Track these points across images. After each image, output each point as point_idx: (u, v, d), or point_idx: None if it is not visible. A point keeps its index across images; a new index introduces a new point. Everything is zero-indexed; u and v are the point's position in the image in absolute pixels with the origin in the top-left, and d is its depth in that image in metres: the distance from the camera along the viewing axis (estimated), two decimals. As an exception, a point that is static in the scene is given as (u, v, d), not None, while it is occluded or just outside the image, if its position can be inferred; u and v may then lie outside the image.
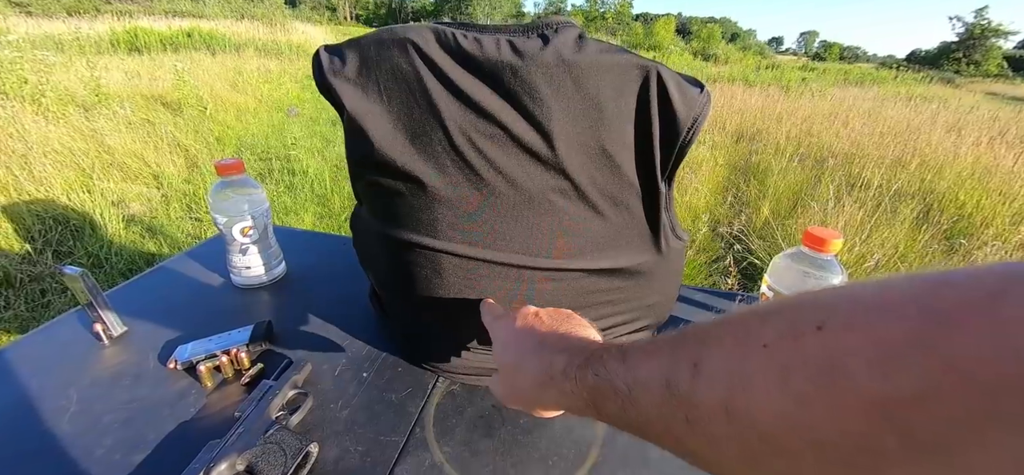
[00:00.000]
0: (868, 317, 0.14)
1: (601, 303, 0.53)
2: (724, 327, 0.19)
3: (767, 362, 0.16)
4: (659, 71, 0.40)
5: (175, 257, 0.83)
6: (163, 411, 0.50)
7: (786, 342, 0.16)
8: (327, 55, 0.44)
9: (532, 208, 0.44)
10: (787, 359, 0.16)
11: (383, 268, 0.54)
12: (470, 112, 0.41)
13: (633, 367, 0.23)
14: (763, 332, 0.17)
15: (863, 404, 0.13)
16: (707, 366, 0.18)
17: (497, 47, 0.39)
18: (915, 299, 0.14)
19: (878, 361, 0.13)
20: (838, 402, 0.14)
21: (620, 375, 0.23)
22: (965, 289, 0.13)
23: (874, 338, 0.14)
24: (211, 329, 0.60)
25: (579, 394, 0.26)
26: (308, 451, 0.44)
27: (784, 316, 0.17)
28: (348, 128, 0.45)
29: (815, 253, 0.53)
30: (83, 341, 0.61)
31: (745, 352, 0.17)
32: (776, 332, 0.16)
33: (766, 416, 0.16)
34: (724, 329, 0.19)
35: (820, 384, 0.14)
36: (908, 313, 0.13)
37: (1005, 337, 0.11)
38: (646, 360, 0.22)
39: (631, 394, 0.22)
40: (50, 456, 0.45)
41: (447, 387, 0.54)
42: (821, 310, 0.16)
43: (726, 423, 0.17)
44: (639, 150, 0.43)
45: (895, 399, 0.13)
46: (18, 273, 1.91)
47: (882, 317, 0.14)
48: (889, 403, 0.13)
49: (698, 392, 0.18)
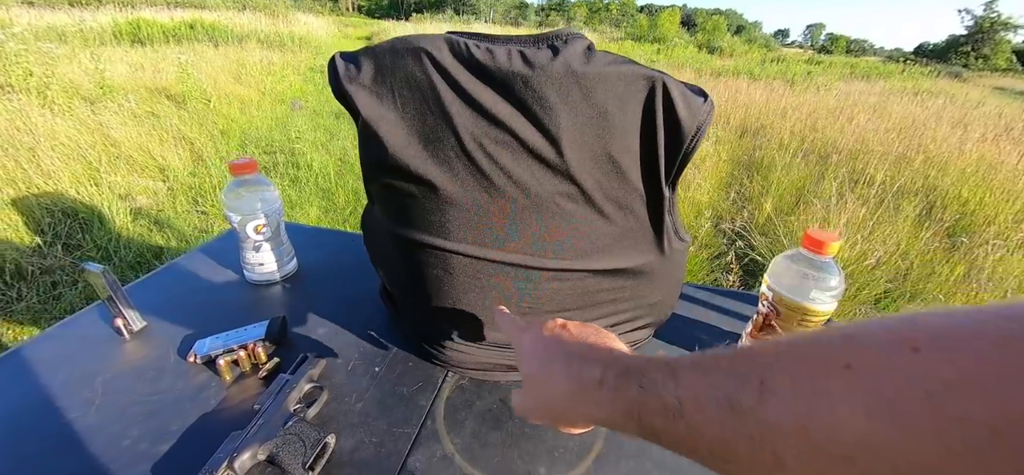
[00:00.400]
0: (972, 344, 0.14)
1: (604, 302, 0.54)
2: (791, 346, 0.19)
3: (852, 382, 0.16)
4: (665, 81, 0.41)
5: (188, 254, 0.85)
6: (185, 403, 0.53)
7: (877, 362, 0.16)
8: (343, 62, 0.46)
9: (540, 211, 0.46)
10: (878, 380, 0.15)
11: (395, 266, 0.56)
12: (482, 119, 0.43)
13: (685, 383, 0.22)
14: (844, 352, 0.17)
15: (972, 426, 0.13)
16: (778, 384, 0.18)
17: (508, 57, 0.41)
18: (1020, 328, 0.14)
19: (988, 385, 0.13)
20: (941, 425, 0.14)
21: (670, 390, 0.22)
22: None
23: (982, 363, 0.14)
24: (226, 324, 0.62)
25: (616, 406, 0.26)
26: (326, 442, 0.46)
27: (869, 337, 0.17)
28: (363, 133, 0.47)
29: (813, 255, 0.54)
30: (105, 335, 0.63)
31: (824, 371, 0.17)
32: (862, 353, 0.16)
33: (850, 437, 0.15)
34: (792, 348, 0.19)
35: (919, 405, 0.14)
36: (1016, 340, 0.13)
37: None
38: (701, 376, 0.22)
39: (682, 409, 0.21)
40: (80, 444, 0.47)
41: (457, 382, 0.57)
42: (915, 332, 0.15)
43: (800, 443, 0.17)
44: (644, 156, 0.45)
45: (1009, 418, 0.13)
46: (30, 265, 1.94)
47: (987, 344, 0.14)
48: (1001, 425, 0.13)
49: (768, 411, 0.18)
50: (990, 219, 2.43)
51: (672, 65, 9.88)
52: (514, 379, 0.57)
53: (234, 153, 3.49)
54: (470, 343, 0.55)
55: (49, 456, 0.46)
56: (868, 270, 1.92)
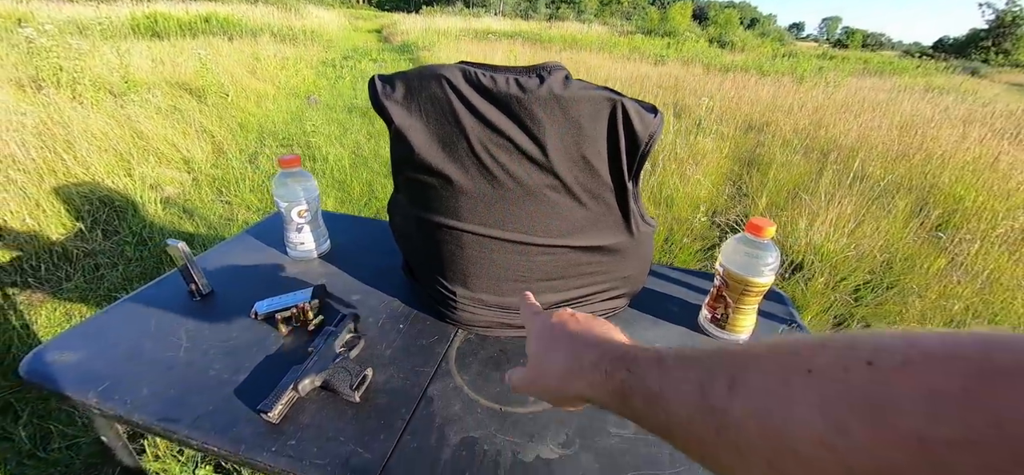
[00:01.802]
0: (922, 364, 0.15)
1: (585, 274, 0.68)
2: (765, 349, 0.21)
3: (811, 387, 0.17)
4: (623, 103, 0.54)
5: (238, 236, 1.00)
6: (252, 348, 0.67)
7: (833, 371, 0.17)
8: (381, 83, 0.59)
9: (531, 199, 0.59)
10: (833, 388, 0.17)
11: (416, 243, 0.70)
12: (486, 128, 0.56)
13: (668, 371, 0.24)
14: (809, 359, 0.18)
15: (905, 441, 0.14)
16: (746, 382, 0.20)
17: (507, 83, 0.54)
18: (969, 356, 0.15)
19: (927, 405, 0.14)
20: (880, 436, 0.15)
21: (654, 377, 0.25)
22: (1017, 354, 0.14)
23: (926, 384, 0.15)
24: (277, 291, 0.76)
25: (605, 387, 0.28)
26: (365, 374, 0.60)
27: (832, 347, 0.18)
28: (394, 137, 0.60)
29: (755, 238, 0.67)
30: (181, 297, 0.78)
31: (788, 375, 0.18)
32: (823, 361, 0.18)
33: (804, 437, 0.17)
34: (765, 350, 0.20)
35: (864, 416, 0.15)
36: (961, 368, 0.15)
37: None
38: (681, 367, 0.24)
39: (662, 395, 0.24)
40: (180, 372, 0.62)
41: (465, 336, 0.70)
42: (871, 348, 0.17)
43: (759, 438, 0.18)
44: (611, 157, 0.58)
45: (938, 441, 0.14)
46: (74, 249, 2.12)
47: (935, 366, 0.15)
48: (931, 444, 0.14)
49: (734, 405, 0.20)
50: (979, 215, 2.51)
51: (681, 60, 9.89)
52: (510, 334, 0.70)
53: (252, 146, 3.66)
54: (477, 305, 0.69)
55: (160, 380, 0.61)
56: (851, 261, 2.03)
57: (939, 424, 0.14)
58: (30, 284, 1.90)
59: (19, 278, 1.92)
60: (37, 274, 1.95)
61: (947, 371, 0.15)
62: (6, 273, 1.92)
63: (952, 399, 0.14)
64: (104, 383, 0.60)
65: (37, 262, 1.99)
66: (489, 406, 0.59)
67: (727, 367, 0.21)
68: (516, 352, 0.68)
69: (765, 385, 0.19)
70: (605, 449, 0.54)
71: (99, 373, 0.61)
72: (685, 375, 0.23)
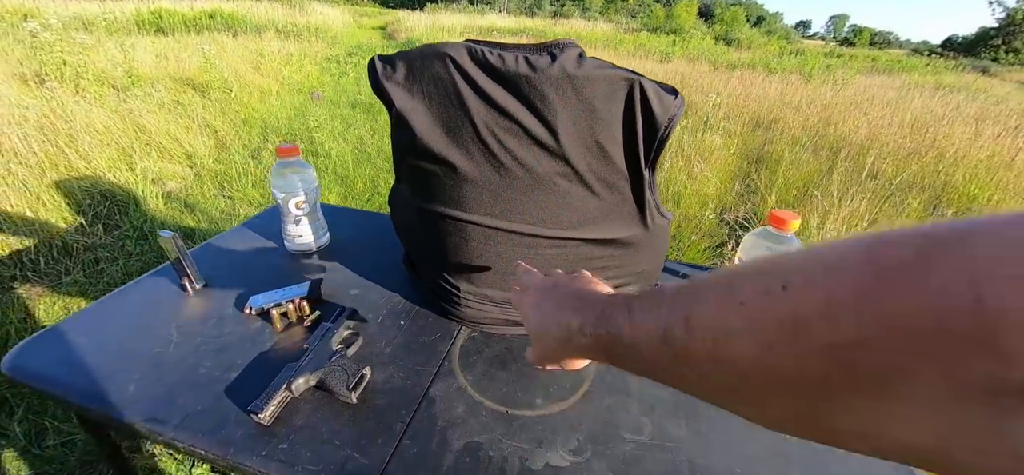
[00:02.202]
0: (822, 277, 0.17)
1: (596, 269, 0.64)
2: (710, 286, 0.23)
3: (743, 316, 0.19)
4: (641, 82, 0.50)
5: (234, 229, 0.96)
6: (245, 344, 0.64)
7: (758, 300, 0.19)
8: (381, 63, 0.56)
9: (541, 188, 0.55)
10: (759, 314, 0.19)
11: (418, 235, 0.67)
12: (493, 111, 0.53)
13: (636, 322, 0.27)
14: (742, 291, 0.20)
15: (817, 349, 0.16)
16: (697, 321, 0.22)
17: (516, 62, 0.50)
18: (858, 258, 0.16)
19: (828, 313, 0.16)
20: (798, 349, 0.17)
21: (626, 330, 0.27)
22: (900, 248, 0.15)
23: (826, 294, 0.16)
24: (272, 286, 0.73)
25: (594, 347, 0.31)
26: (363, 373, 0.57)
27: (756, 277, 0.20)
28: (396, 121, 0.57)
29: (778, 231, 0.63)
30: (173, 291, 0.74)
31: (727, 309, 0.20)
32: (751, 291, 0.20)
33: (744, 361, 0.19)
34: (710, 288, 0.22)
35: (783, 334, 0.17)
36: (853, 271, 0.16)
37: (928, 296, 0.14)
38: (646, 315, 0.26)
39: (635, 345, 0.26)
40: (168, 369, 0.59)
41: (469, 333, 0.67)
42: (786, 272, 0.19)
43: (713, 367, 0.21)
44: (627, 143, 0.54)
45: (841, 344, 0.16)
46: (74, 243, 2.10)
47: (832, 276, 0.17)
48: (838, 349, 0.16)
49: (691, 344, 0.22)
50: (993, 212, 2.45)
51: (687, 57, 9.78)
52: (517, 332, 0.67)
53: (255, 141, 3.63)
54: (481, 301, 0.65)
55: (148, 376, 0.57)
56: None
57: (840, 329, 0.16)
58: (29, 278, 1.88)
59: (18, 272, 1.90)
60: (37, 268, 1.93)
61: (842, 279, 0.16)
62: (5, 266, 1.90)
63: (846, 304, 0.16)
64: (90, 380, 0.56)
65: (37, 256, 1.97)
66: (494, 408, 0.55)
67: (682, 309, 0.23)
68: (522, 351, 0.64)
69: (711, 322, 0.21)
70: (619, 456, 0.51)
71: (85, 370, 0.58)
72: (649, 322, 0.25)
